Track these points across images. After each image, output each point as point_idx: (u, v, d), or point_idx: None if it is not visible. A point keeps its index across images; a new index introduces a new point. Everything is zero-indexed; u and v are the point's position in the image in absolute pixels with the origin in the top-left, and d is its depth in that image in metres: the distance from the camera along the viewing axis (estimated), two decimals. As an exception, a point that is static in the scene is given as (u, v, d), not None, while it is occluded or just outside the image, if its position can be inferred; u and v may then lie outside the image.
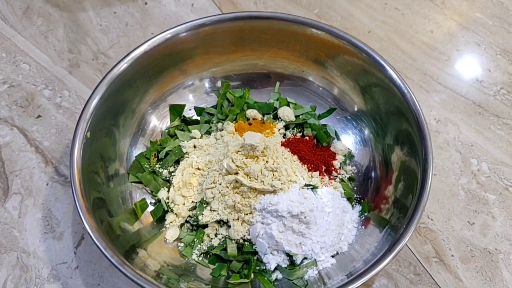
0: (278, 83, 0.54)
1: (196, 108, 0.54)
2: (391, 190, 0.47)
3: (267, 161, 0.46)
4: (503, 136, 0.56)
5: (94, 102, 0.46)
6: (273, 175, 0.45)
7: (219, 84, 0.55)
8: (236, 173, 0.45)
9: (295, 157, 0.49)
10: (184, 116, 0.54)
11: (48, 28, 0.65)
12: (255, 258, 0.45)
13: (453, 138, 0.56)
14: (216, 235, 0.47)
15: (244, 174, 0.45)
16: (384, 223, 0.45)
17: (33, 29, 0.65)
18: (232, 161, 0.45)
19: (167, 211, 0.48)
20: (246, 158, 0.45)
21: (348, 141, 0.53)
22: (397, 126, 0.49)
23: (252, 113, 0.53)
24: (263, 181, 0.45)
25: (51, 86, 0.60)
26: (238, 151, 0.46)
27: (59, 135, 0.56)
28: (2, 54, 0.63)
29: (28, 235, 0.49)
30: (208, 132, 0.53)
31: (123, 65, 0.48)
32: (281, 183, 0.45)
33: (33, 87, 0.60)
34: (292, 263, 0.45)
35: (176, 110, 0.53)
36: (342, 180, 0.50)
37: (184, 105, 0.54)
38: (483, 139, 0.56)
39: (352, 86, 0.52)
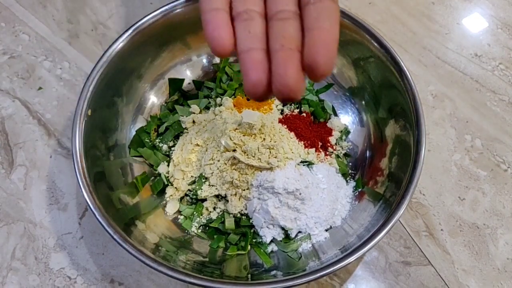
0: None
1: (195, 82, 0.55)
2: (385, 163, 0.48)
3: (264, 139, 0.47)
4: (498, 113, 0.56)
5: (95, 79, 0.46)
6: (270, 152, 0.46)
7: (217, 59, 0.55)
8: (234, 151, 0.46)
9: (292, 134, 0.50)
10: (183, 90, 0.54)
11: (46, -4, 0.65)
12: (252, 231, 0.47)
13: (449, 114, 0.56)
14: (214, 208, 0.48)
15: (242, 151, 0.46)
16: (378, 197, 0.46)
17: (31, -3, 0.65)
18: (230, 138, 0.46)
19: (167, 185, 0.49)
20: (244, 136, 0.47)
21: (344, 117, 0.53)
22: (392, 100, 0.49)
23: (250, 87, 0.54)
24: (260, 159, 0.46)
25: (51, 57, 0.60)
26: (236, 129, 0.47)
27: (61, 108, 0.57)
28: (1, 24, 0.63)
29: (34, 206, 0.51)
30: (207, 107, 0.54)
31: (122, 42, 0.48)
32: (278, 161, 0.46)
33: (33, 58, 0.60)
34: (287, 237, 0.47)
35: (175, 84, 0.54)
36: (337, 156, 0.51)
37: (183, 79, 0.54)
38: (479, 115, 0.56)
39: (347, 61, 0.52)
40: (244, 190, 0.47)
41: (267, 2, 0.30)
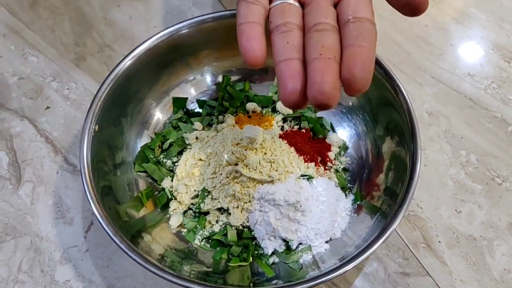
0: (276, 77, 0.57)
1: (198, 101, 0.57)
2: (382, 178, 0.50)
3: (265, 153, 0.49)
4: (491, 129, 0.58)
5: (102, 96, 0.48)
6: (271, 166, 0.48)
7: (220, 78, 0.57)
8: (236, 164, 0.48)
9: (292, 148, 0.51)
10: (187, 108, 0.56)
11: (54, 21, 0.68)
12: (254, 243, 0.48)
13: (444, 131, 0.58)
14: (217, 221, 0.50)
15: (244, 165, 0.48)
16: (375, 210, 0.48)
17: (40, 23, 0.68)
18: (232, 152, 0.48)
19: (171, 199, 0.51)
20: (246, 150, 0.48)
21: (342, 133, 0.55)
22: (388, 117, 0.51)
23: (251, 106, 0.56)
24: (261, 172, 0.47)
25: (59, 78, 0.63)
26: (238, 143, 0.49)
27: (67, 126, 0.59)
28: (11, 47, 0.65)
29: (40, 221, 0.52)
30: (210, 124, 0.55)
31: (128, 61, 0.50)
32: (279, 174, 0.48)
33: (41, 79, 0.62)
34: (288, 248, 0.48)
35: (179, 103, 0.56)
36: (336, 171, 0.53)
37: (186, 98, 0.56)
38: (473, 132, 0.58)
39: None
40: (246, 202, 0.48)
41: (306, 15, 0.31)
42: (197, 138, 0.54)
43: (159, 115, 0.55)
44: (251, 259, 0.47)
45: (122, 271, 0.49)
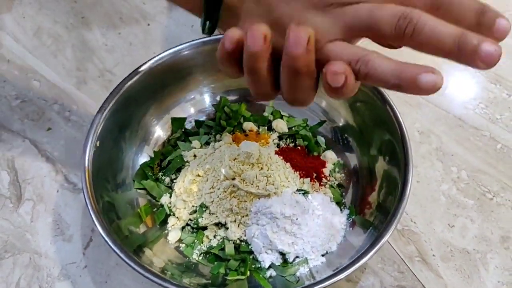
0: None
1: (196, 121, 0.59)
2: (374, 197, 0.51)
3: (261, 168, 0.50)
4: (481, 147, 0.60)
5: (103, 114, 0.50)
6: (267, 180, 0.49)
7: (218, 98, 0.59)
8: (233, 179, 0.49)
9: (288, 164, 0.53)
10: (185, 128, 0.58)
11: (57, 48, 0.70)
12: (251, 257, 0.49)
13: (435, 149, 0.60)
14: (215, 236, 0.50)
15: (241, 179, 0.49)
16: (368, 225, 0.49)
17: (43, 49, 0.70)
18: (230, 167, 0.49)
19: (169, 215, 0.52)
20: (243, 165, 0.50)
21: (337, 150, 0.57)
22: (381, 137, 0.53)
23: (248, 125, 0.57)
24: (258, 186, 0.49)
25: (60, 101, 0.64)
26: (235, 159, 0.50)
27: (68, 147, 0.60)
28: (15, 72, 0.67)
29: (39, 238, 0.53)
30: (208, 143, 0.57)
31: (129, 82, 0.52)
32: (275, 188, 0.49)
33: (44, 102, 0.64)
34: (285, 261, 0.49)
35: (178, 123, 0.58)
36: (331, 186, 0.54)
37: (185, 118, 0.58)
38: (463, 149, 0.60)
39: (340, 101, 0.57)
40: (243, 216, 0.49)
41: None
42: (195, 155, 0.55)
43: (160, 132, 0.57)
44: (248, 273, 0.48)
45: (120, 286, 0.50)
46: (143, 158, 0.55)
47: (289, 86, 0.33)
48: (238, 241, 0.49)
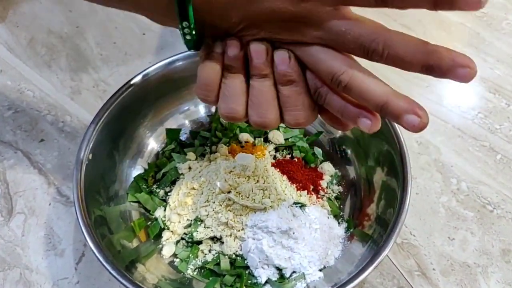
0: None
1: (191, 132, 0.58)
2: (373, 208, 0.50)
3: (257, 181, 0.49)
4: (480, 157, 0.59)
5: (96, 126, 0.49)
6: (263, 193, 0.48)
7: (213, 109, 0.58)
8: (229, 192, 0.48)
9: (284, 177, 0.52)
10: (180, 139, 0.57)
11: (51, 57, 0.69)
12: (247, 272, 0.48)
13: (434, 160, 0.59)
14: (210, 250, 0.49)
15: (236, 192, 0.48)
16: (367, 238, 0.48)
17: (37, 59, 0.69)
18: (225, 180, 0.48)
19: (164, 229, 0.51)
20: (238, 177, 0.49)
21: (334, 162, 0.56)
22: (379, 148, 0.52)
23: (244, 136, 0.57)
24: (254, 199, 0.48)
25: (54, 111, 0.63)
26: (231, 171, 0.49)
27: (61, 158, 0.59)
28: (7, 82, 0.66)
29: (31, 252, 0.52)
30: (203, 155, 0.56)
31: (124, 91, 0.51)
32: (271, 201, 0.48)
33: (37, 113, 0.63)
34: (281, 277, 0.47)
35: (172, 134, 0.57)
36: (329, 199, 0.53)
37: (180, 130, 0.57)
38: (462, 160, 0.59)
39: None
40: (239, 230, 0.48)
41: None
42: (190, 168, 0.54)
43: (154, 144, 0.56)
44: (244, 288, 0.47)
45: (113, 302, 0.49)
46: (137, 171, 0.54)
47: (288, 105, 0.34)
48: (233, 256, 0.48)
